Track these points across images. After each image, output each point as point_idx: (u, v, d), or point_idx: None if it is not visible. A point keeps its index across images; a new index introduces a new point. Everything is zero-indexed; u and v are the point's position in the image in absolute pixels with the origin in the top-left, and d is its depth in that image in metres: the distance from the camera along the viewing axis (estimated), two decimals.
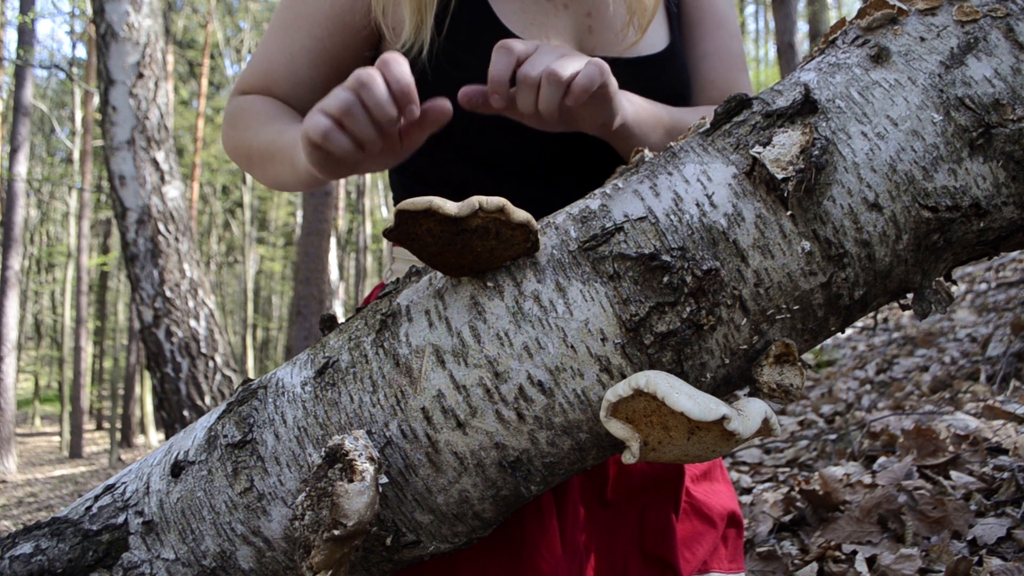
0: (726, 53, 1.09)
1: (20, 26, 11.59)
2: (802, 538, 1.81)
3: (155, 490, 0.77)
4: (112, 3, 4.39)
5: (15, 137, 10.99)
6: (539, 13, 0.97)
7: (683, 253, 0.66)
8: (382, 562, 0.74)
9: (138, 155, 4.40)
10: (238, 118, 1.03)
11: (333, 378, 0.73)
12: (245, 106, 1.03)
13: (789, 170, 0.65)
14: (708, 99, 1.08)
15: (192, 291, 4.45)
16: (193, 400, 4.26)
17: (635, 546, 0.93)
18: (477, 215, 0.64)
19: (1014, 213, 0.69)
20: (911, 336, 4.27)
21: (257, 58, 1.05)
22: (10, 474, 10.94)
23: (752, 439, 0.77)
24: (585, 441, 0.70)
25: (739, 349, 0.68)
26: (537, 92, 0.78)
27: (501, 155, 0.98)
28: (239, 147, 1.03)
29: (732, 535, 1.03)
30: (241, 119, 1.02)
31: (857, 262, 0.67)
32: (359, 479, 0.62)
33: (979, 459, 1.83)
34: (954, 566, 1.31)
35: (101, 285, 20.76)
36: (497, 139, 0.97)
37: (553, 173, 1.00)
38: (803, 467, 2.52)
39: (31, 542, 0.75)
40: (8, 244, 10.81)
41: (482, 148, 0.98)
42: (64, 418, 17.64)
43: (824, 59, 0.74)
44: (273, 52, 1.03)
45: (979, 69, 0.68)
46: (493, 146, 0.98)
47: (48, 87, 22.57)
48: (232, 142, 1.05)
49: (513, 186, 0.97)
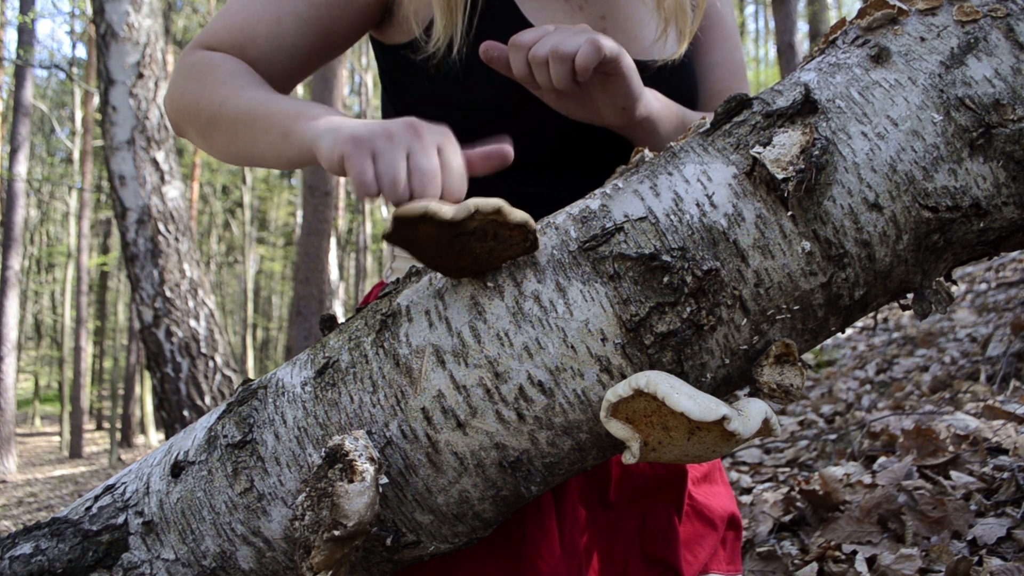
0: (732, 64, 1.11)
1: (20, 26, 11.59)
2: (802, 538, 1.81)
3: (155, 490, 0.77)
4: (112, 3, 4.39)
5: (15, 137, 10.99)
6: (559, 13, 0.98)
7: (683, 253, 0.66)
8: (382, 562, 0.74)
9: (138, 155, 4.40)
10: (204, 73, 0.90)
11: (333, 378, 0.73)
12: (216, 62, 0.91)
13: (789, 170, 0.65)
14: (714, 109, 1.09)
15: (192, 291, 4.45)
16: (193, 400, 4.26)
17: (636, 548, 0.93)
18: (474, 218, 0.64)
19: (1014, 213, 0.69)
20: (911, 336, 4.27)
21: (232, 11, 0.94)
22: (10, 474, 10.94)
23: (752, 439, 0.77)
24: (585, 441, 0.70)
25: (739, 349, 0.68)
26: (547, 69, 0.80)
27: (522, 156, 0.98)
28: (199, 103, 0.90)
29: (731, 537, 1.04)
30: (209, 74, 0.90)
31: (857, 262, 0.67)
32: (359, 479, 0.62)
33: (979, 459, 1.83)
34: (954, 566, 1.31)
35: (101, 285, 20.77)
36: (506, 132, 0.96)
37: (561, 168, 1.00)
38: (803, 467, 2.52)
39: (31, 542, 0.75)
40: (8, 244, 10.81)
41: None
42: (64, 418, 17.64)
43: (824, 59, 0.74)
44: (256, 8, 0.93)
45: (979, 69, 0.68)
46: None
47: (48, 87, 22.57)
48: (189, 96, 0.91)
49: (519, 182, 0.97)
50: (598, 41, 0.78)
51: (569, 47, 0.78)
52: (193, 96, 0.90)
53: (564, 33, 0.80)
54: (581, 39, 0.79)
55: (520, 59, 0.82)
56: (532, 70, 0.82)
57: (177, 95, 0.93)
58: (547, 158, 0.98)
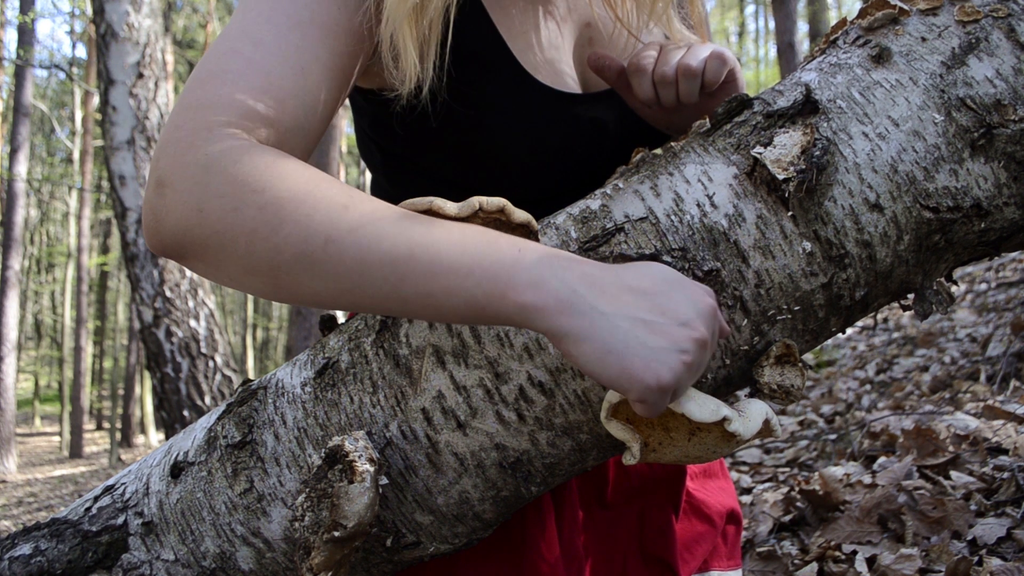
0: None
1: (20, 26, 11.59)
2: (802, 538, 1.81)
3: (155, 491, 0.77)
4: (112, 3, 4.39)
5: (15, 137, 10.99)
6: (544, 30, 0.92)
7: (684, 254, 0.66)
8: (382, 563, 0.74)
9: (138, 155, 4.40)
10: (299, 200, 0.60)
11: (333, 379, 0.72)
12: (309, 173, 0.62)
13: (790, 171, 0.65)
14: None
15: (192, 291, 4.45)
16: (193, 400, 4.26)
17: (635, 547, 0.93)
18: (477, 215, 0.64)
19: (1015, 214, 0.69)
20: (911, 336, 4.27)
21: (238, 71, 0.66)
22: (10, 474, 10.93)
23: (753, 440, 0.77)
24: (586, 442, 0.69)
25: (740, 350, 0.68)
26: (677, 87, 0.82)
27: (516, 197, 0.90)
28: (275, 239, 0.59)
29: (731, 532, 1.03)
30: (318, 202, 0.60)
31: (858, 263, 0.67)
32: (359, 480, 0.62)
33: (979, 459, 1.83)
34: (954, 566, 1.31)
35: (101, 285, 20.76)
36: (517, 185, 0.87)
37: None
38: (803, 467, 2.52)
39: (30, 543, 0.75)
40: (8, 244, 10.81)
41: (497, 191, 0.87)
42: (64, 418, 17.64)
43: (825, 59, 0.74)
44: (271, 62, 0.67)
45: (980, 69, 0.68)
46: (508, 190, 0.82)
47: (48, 87, 22.54)
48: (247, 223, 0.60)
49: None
50: (722, 54, 0.81)
51: (697, 63, 0.81)
52: (250, 226, 0.59)
53: (680, 50, 0.83)
54: (705, 53, 0.82)
55: (646, 81, 0.83)
56: (658, 90, 0.84)
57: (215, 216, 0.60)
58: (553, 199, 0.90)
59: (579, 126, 0.87)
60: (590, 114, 0.89)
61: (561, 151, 0.87)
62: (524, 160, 0.85)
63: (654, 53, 0.84)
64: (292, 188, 0.60)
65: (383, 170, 0.93)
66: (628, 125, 0.92)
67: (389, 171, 0.92)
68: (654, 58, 0.84)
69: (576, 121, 0.87)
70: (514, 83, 0.84)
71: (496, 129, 0.83)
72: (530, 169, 0.86)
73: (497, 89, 0.83)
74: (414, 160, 0.90)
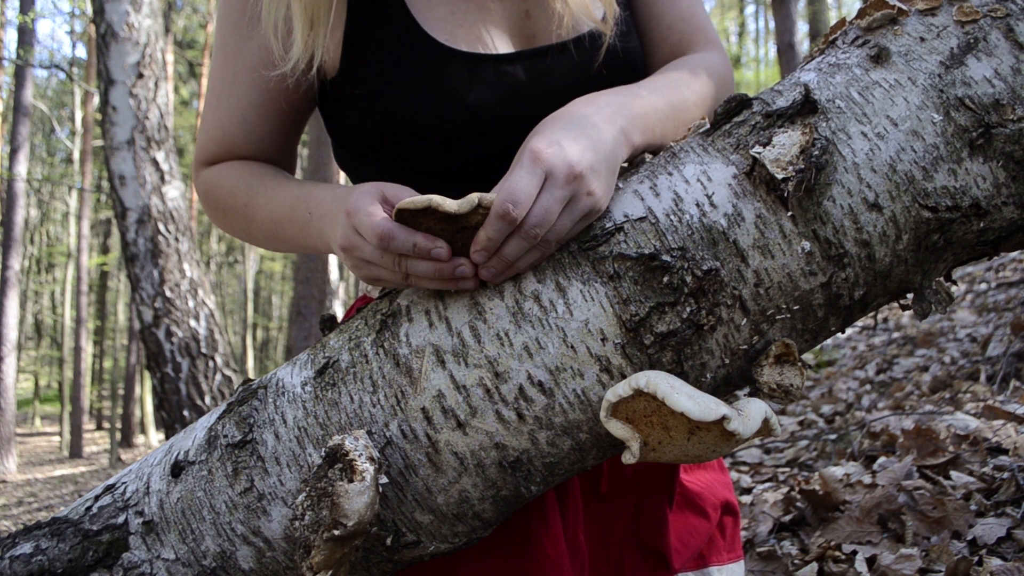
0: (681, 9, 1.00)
1: (20, 26, 11.59)
2: (802, 538, 1.81)
3: (155, 490, 0.77)
4: (112, 3, 4.39)
5: (15, 137, 10.99)
6: (469, 11, 0.90)
7: (683, 253, 0.66)
8: (382, 562, 0.74)
9: (138, 155, 4.40)
10: (220, 196, 0.96)
11: (333, 378, 0.73)
12: (222, 179, 0.96)
13: (789, 170, 0.65)
14: (670, 45, 0.99)
15: (192, 291, 4.45)
16: (193, 400, 4.26)
17: (631, 538, 0.93)
18: (477, 211, 0.64)
19: (1014, 213, 0.69)
20: (911, 336, 4.27)
21: (208, 125, 0.97)
22: (10, 474, 10.93)
23: (752, 439, 0.77)
24: (585, 441, 0.70)
25: (739, 349, 0.68)
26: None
27: (456, 170, 0.92)
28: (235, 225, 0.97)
29: (729, 524, 1.03)
30: (231, 195, 0.95)
31: (857, 262, 0.67)
32: (359, 479, 0.62)
33: (979, 459, 1.83)
34: (954, 566, 1.31)
35: (101, 285, 20.76)
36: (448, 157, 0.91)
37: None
38: (803, 467, 2.52)
39: (31, 542, 0.75)
40: (8, 244, 10.81)
41: (434, 166, 0.92)
42: (64, 418, 17.64)
43: (824, 59, 0.74)
44: (223, 116, 0.95)
45: (979, 69, 0.68)
46: (444, 163, 0.92)
47: (48, 87, 22.56)
48: (225, 221, 0.98)
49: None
50: (499, 213, 0.68)
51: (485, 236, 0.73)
52: (226, 221, 0.98)
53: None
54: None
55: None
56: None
57: (218, 221, 1.02)
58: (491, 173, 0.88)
59: (497, 85, 0.86)
60: (509, 72, 0.87)
61: (479, 111, 0.86)
62: (443, 127, 0.87)
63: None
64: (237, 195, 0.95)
65: (343, 162, 1.00)
66: (545, 83, 0.89)
67: (345, 163, 1.00)
68: None
69: (495, 80, 0.86)
70: (412, 47, 0.87)
71: (397, 96, 0.86)
72: (454, 135, 0.87)
73: (394, 55, 0.84)
74: (356, 147, 0.95)
